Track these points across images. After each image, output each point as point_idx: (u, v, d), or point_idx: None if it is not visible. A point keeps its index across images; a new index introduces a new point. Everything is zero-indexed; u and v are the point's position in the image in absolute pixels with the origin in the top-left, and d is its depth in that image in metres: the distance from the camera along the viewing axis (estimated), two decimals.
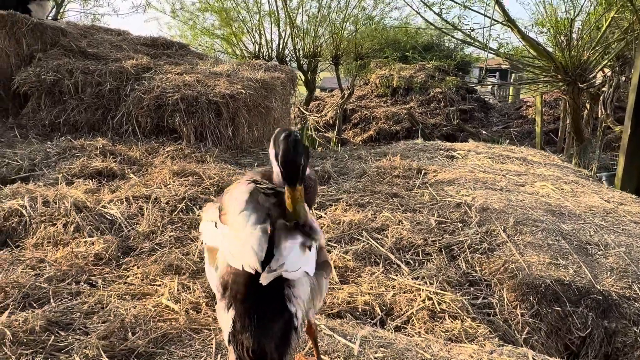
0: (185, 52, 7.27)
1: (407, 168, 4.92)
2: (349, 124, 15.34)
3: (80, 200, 3.22)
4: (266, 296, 1.45)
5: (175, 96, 5.21)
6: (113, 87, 5.60)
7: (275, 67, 7.13)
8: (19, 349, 1.72)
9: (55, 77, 5.59)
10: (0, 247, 2.84)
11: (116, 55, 6.31)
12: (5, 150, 4.44)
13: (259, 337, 1.38)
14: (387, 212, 3.79)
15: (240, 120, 5.49)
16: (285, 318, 1.45)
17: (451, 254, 3.29)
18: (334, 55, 14.10)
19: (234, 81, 5.79)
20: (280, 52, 14.22)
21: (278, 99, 6.23)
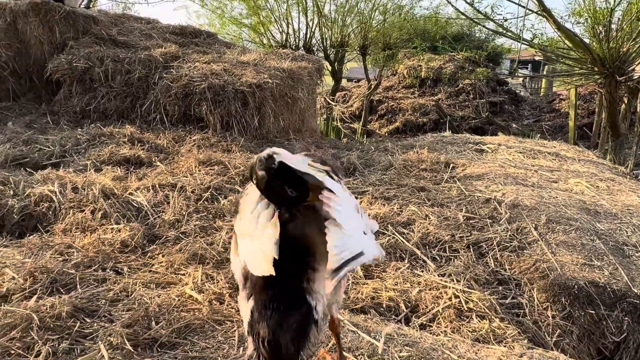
0: (213, 40, 7.27)
1: (435, 161, 4.82)
2: (375, 115, 15.18)
3: (108, 187, 3.25)
4: (285, 288, 1.41)
5: (202, 85, 5.21)
6: (142, 75, 5.65)
7: (302, 56, 7.07)
8: (46, 334, 1.74)
9: (86, 64, 5.67)
10: (31, 231, 2.89)
11: (145, 43, 6.36)
12: (38, 136, 4.53)
13: (274, 328, 1.35)
14: (414, 206, 3.72)
15: (266, 109, 5.47)
16: (303, 311, 1.41)
17: (479, 251, 3.20)
18: (361, 45, 13.92)
19: (261, 70, 5.77)
20: (308, 42, 14.13)
21: (304, 89, 6.17)
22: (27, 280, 2.08)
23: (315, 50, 14.55)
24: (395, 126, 14.52)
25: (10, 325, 1.75)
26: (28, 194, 3.07)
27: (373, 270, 2.85)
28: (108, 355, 1.68)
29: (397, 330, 2.17)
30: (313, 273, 1.45)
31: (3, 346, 1.66)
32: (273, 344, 1.33)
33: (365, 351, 1.89)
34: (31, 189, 3.12)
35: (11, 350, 1.65)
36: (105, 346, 1.72)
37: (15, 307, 1.83)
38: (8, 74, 5.86)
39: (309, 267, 1.44)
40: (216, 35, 7.53)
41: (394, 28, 13.69)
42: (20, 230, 2.91)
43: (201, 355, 1.76)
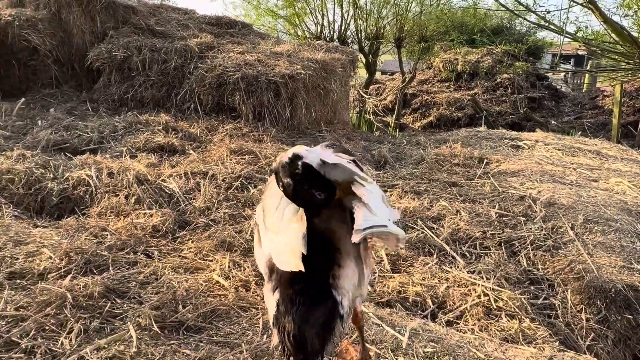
0: (247, 31, 7.32)
1: (468, 156, 4.71)
2: (409, 109, 14.97)
3: (142, 173, 3.33)
4: (311, 282, 1.41)
5: (235, 75, 5.26)
6: (178, 64, 5.75)
7: (336, 48, 7.02)
8: (78, 313, 1.80)
9: (125, 53, 5.81)
10: (69, 213, 3.00)
11: (182, 33, 6.46)
12: (78, 123, 4.68)
13: (300, 323, 1.34)
14: (445, 201, 3.65)
15: (298, 101, 5.47)
16: (329, 305, 1.40)
17: (511, 250, 3.12)
18: (396, 37, 13.73)
19: (294, 61, 5.77)
20: (342, 34, 14.04)
21: (337, 80, 6.14)
22: (63, 260, 2.15)
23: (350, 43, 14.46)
24: (429, 120, 14.28)
25: (45, 303, 1.82)
26: (67, 178, 3.18)
27: (400, 265, 2.82)
28: (136, 336, 1.72)
29: (422, 325, 2.14)
30: (339, 269, 1.43)
31: (38, 322, 1.73)
32: (299, 339, 1.32)
33: (389, 345, 1.87)
34: (70, 172, 3.23)
35: (45, 327, 1.71)
36: (133, 327, 1.77)
37: (50, 286, 1.90)
38: (52, 62, 6.07)
39: (335, 262, 1.43)
40: (251, 26, 7.57)
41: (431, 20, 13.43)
42: (59, 212, 3.02)
43: (225, 340, 1.78)
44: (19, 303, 1.82)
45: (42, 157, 3.41)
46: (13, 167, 3.16)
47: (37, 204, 3.01)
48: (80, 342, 1.67)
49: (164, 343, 1.72)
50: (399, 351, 1.84)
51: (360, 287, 1.57)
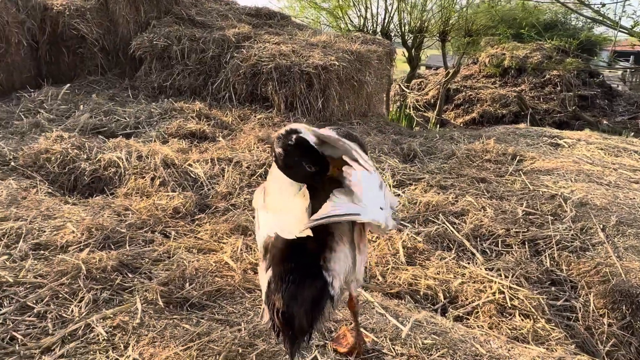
0: (286, 22, 7.37)
1: (502, 153, 4.57)
2: (451, 105, 14.63)
3: (169, 157, 3.44)
4: (302, 262, 1.43)
5: (269, 65, 5.32)
6: (215, 54, 5.87)
7: (374, 40, 6.96)
8: (91, 284, 1.89)
9: (165, 43, 5.99)
10: (99, 193, 3.14)
11: (221, 24, 6.58)
12: (117, 108, 4.88)
13: (289, 300, 1.37)
14: (471, 196, 3.56)
15: (330, 92, 5.47)
16: (319, 285, 1.42)
17: (535, 249, 3.01)
18: (441, 31, 13.43)
19: (329, 52, 5.76)
20: (385, 27, 13.86)
21: (372, 73, 6.09)
22: (84, 234, 2.27)
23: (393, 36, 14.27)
24: (471, 117, 13.92)
25: (62, 272, 1.93)
26: (99, 159, 3.33)
27: (416, 258, 2.79)
28: (142, 309, 1.79)
29: (428, 318, 2.11)
30: (330, 252, 1.45)
31: (53, 290, 1.83)
32: (287, 316, 1.36)
33: (389, 334, 1.86)
34: (102, 154, 3.38)
35: (59, 294, 1.82)
36: (140, 299, 1.84)
37: (68, 257, 2.01)
38: (98, 50, 6.34)
39: (327, 246, 1.45)
40: (290, 18, 7.62)
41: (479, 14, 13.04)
42: (90, 191, 3.17)
43: (226, 318, 1.83)
44: (39, 272, 1.94)
45: (79, 139, 3.59)
46: (51, 147, 3.34)
47: (70, 182, 3.17)
48: (89, 310, 1.76)
49: (167, 317, 1.78)
50: (397, 340, 1.83)
51: (354, 271, 1.57)
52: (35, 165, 3.23)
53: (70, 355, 1.56)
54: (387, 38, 13.94)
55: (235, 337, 1.70)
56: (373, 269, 2.59)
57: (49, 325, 1.67)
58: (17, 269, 1.97)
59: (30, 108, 4.61)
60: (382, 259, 2.71)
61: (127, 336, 1.65)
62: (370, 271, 2.58)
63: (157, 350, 1.59)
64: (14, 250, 2.14)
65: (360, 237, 1.58)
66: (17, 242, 2.21)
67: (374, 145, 4.56)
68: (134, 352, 1.57)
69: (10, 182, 2.95)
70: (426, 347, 1.81)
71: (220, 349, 1.62)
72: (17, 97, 5.03)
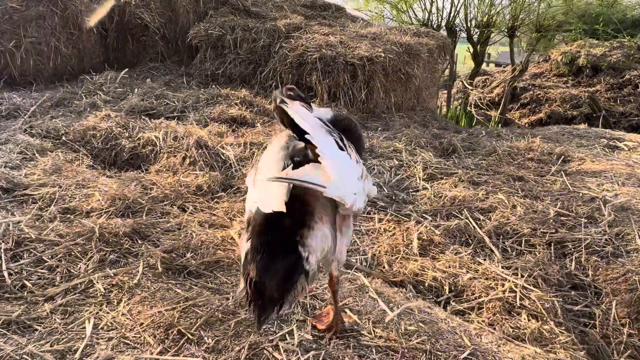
0: (340, 14, 7.39)
1: (547, 152, 4.34)
2: (517, 104, 13.98)
3: (203, 139, 3.60)
4: (279, 235, 1.47)
5: (314, 55, 5.38)
6: (265, 44, 6.03)
7: (428, 32, 6.81)
8: (101, 245, 2.06)
9: (220, 32, 6.23)
10: (135, 169, 3.37)
11: (275, 14, 6.73)
12: (168, 93, 5.16)
13: (261, 271, 1.42)
14: (503, 194, 3.44)
15: (375, 83, 5.44)
16: (292, 259, 1.46)
17: (562, 251, 2.86)
18: (510, 26, 12.84)
19: (377, 44, 5.73)
20: (451, 21, 13.49)
21: (422, 65, 5.98)
22: (107, 202, 2.45)
23: (458, 31, 13.86)
24: (538, 117, 13.22)
25: (78, 234, 2.11)
26: (139, 138, 3.56)
27: (430, 250, 2.75)
28: (142, 272, 1.93)
29: (422, 307, 2.09)
30: (308, 230, 1.49)
31: (67, 248, 2.01)
32: (259, 286, 1.42)
33: (373, 317, 1.87)
34: (142, 133, 3.61)
35: (72, 252, 2.00)
36: (143, 264, 1.98)
37: (87, 221, 2.19)
38: (159, 38, 6.71)
39: (305, 224, 1.49)
40: (345, 10, 7.63)
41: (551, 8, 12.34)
42: (128, 167, 3.40)
43: (218, 288, 1.92)
44: (59, 232, 2.13)
45: (124, 118, 3.85)
46: (98, 124, 3.61)
47: (111, 157, 3.42)
48: (95, 268, 1.91)
49: (163, 281, 1.90)
50: (380, 324, 1.83)
51: (334, 252, 1.60)
52: (83, 140, 3.51)
53: (69, 305, 1.72)
54: (451, 33, 13.56)
55: (221, 305, 1.78)
56: (381, 257, 2.59)
57: (57, 278, 1.85)
58: (43, 228, 2.18)
59: (90, 90, 4.99)
60: (394, 249, 2.70)
61: (122, 294, 1.79)
62: (377, 258, 2.58)
63: (145, 309, 1.70)
64: (45, 212, 2.37)
65: (342, 219, 1.61)
66: (49, 205, 2.44)
67: (411, 138, 4.50)
68: (124, 308, 1.70)
69: (58, 153, 3.23)
70: (408, 333, 1.80)
71: (202, 314, 1.71)
72: (82, 80, 5.45)
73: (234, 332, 1.64)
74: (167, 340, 1.56)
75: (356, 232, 2.86)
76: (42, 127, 3.63)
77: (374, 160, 3.93)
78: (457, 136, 4.94)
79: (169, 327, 1.62)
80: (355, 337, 1.72)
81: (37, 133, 3.54)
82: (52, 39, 6.21)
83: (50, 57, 6.25)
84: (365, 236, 2.84)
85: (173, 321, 1.64)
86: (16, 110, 4.16)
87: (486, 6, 13.04)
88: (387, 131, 4.82)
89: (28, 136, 3.43)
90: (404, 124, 5.06)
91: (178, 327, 1.61)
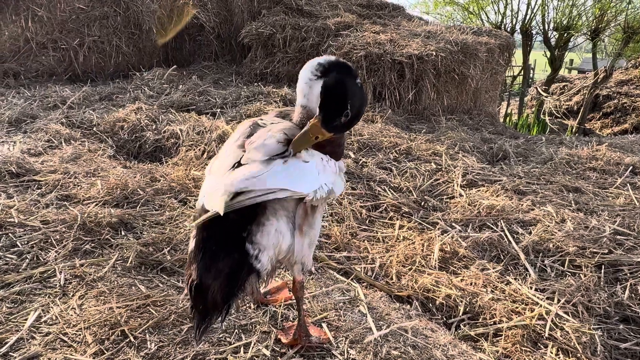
0: (397, 13, 7.09)
1: (614, 162, 3.79)
2: (599, 113, 12.82)
3: (227, 134, 3.49)
4: (222, 232, 1.29)
5: (360, 53, 5.14)
6: (315, 42, 5.88)
7: (490, 31, 6.33)
8: (79, 234, 1.97)
9: (270, 31, 6.17)
10: (157, 161, 3.32)
11: (327, 13, 6.57)
12: (211, 90, 5.15)
13: (201, 271, 1.25)
14: (552, 206, 3.01)
15: (424, 84, 5.10)
16: (237, 258, 1.27)
17: (614, 276, 2.41)
18: (592, 28, 11.80)
19: (430, 42, 5.38)
20: (526, 24, 12.66)
21: (479, 66, 5.54)
22: (104, 192, 2.38)
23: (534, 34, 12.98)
24: (622, 128, 12.04)
25: (62, 221, 2.04)
26: (165, 130, 3.52)
27: (452, 264, 2.41)
28: (113, 265, 1.81)
29: (421, 328, 1.79)
30: (258, 226, 1.30)
31: (46, 234, 1.94)
32: (201, 288, 1.24)
33: (354, 335, 1.61)
34: (168, 126, 3.57)
35: (48, 240, 1.92)
36: (117, 256, 1.86)
37: (73, 208, 2.12)
38: (214, 37, 6.81)
39: (255, 221, 1.30)
40: (402, 9, 7.32)
41: None
42: (150, 158, 3.36)
43: None
44: (46, 218, 2.07)
45: (155, 111, 3.84)
46: (127, 116, 3.62)
47: (136, 149, 3.41)
48: (64, 257, 1.82)
49: (130, 276, 1.77)
50: (358, 344, 1.57)
51: (294, 254, 1.39)
52: (111, 131, 3.53)
53: (22, 294, 1.63)
54: (526, 36, 12.72)
55: (182, 307, 1.61)
56: (391, 267, 2.30)
57: (23, 264, 1.77)
58: (32, 213, 2.13)
59: (138, 85, 5.10)
60: (409, 259, 2.40)
61: (81, 286, 1.67)
62: (386, 269, 2.29)
63: (97, 304, 1.57)
64: (44, 198, 2.34)
65: (303, 218, 1.39)
66: (50, 192, 2.41)
67: (456, 141, 4.12)
68: (76, 302, 1.58)
69: (84, 142, 3.26)
70: (389, 358, 1.52)
71: (156, 315, 1.55)
72: (132, 76, 5.60)
73: (182, 339, 1.46)
74: (107, 341, 1.41)
75: (370, 238, 2.59)
76: (76, 118, 3.71)
77: (409, 163, 3.62)
78: (511, 142, 4.48)
79: (114, 326, 1.47)
80: (323, 358, 1.47)
81: (71, 123, 3.62)
82: (114, 37, 6.48)
83: (112, 55, 6.52)
84: (380, 243, 2.56)
85: (120, 320, 1.48)
86: (62, 102, 4.32)
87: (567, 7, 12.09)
88: (431, 133, 4.46)
89: (61, 125, 3.50)
90: (451, 126, 4.67)
91: (123, 328, 1.46)
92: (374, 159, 3.60)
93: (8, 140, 3.18)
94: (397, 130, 4.37)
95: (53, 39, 6.17)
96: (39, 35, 6.11)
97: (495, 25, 13.06)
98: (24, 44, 6.06)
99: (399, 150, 3.80)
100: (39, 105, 4.21)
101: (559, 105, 13.09)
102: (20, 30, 6.03)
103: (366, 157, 3.64)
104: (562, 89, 14.00)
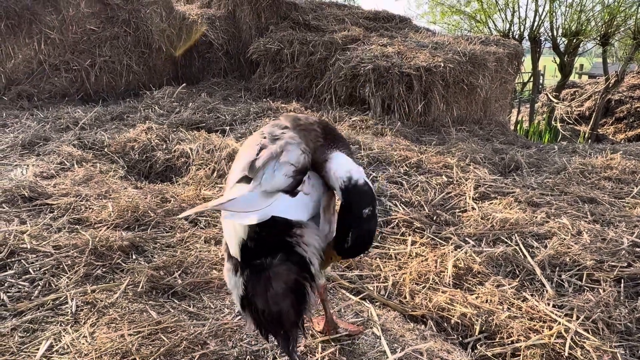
0: (404, 25, 7.11)
1: (630, 171, 3.72)
2: (611, 118, 12.67)
3: (236, 151, 3.50)
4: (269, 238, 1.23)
5: (368, 66, 5.14)
6: (322, 56, 5.90)
7: (498, 40, 6.31)
8: (91, 259, 1.97)
9: (278, 47, 6.21)
10: (167, 181, 3.33)
11: (334, 27, 6.61)
12: (220, 107, 5.18)
13: (264, 296, 1.19)
14: (567, 218, 2.95)
15: (433, 95, 5.08)
16: (294, 267, 1.22)
17: (634, 290, 2.35)
18: (602, 33, 11.70)
19: (437, 54, 5.37)
20: (534, 31, 12.61)
21: (487, 76, 5.51)
22: (116, 214, 2.39)
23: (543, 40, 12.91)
24: (635, 133, 11.89)
25: (73, 245, 2.04)
26: (175, 150, 3.54)
27: (466, 280, 2.37)
28: (123, 290, 1.80)
29: (437, 350, 1.75)
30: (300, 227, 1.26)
31: (58, 260, 1.95)
32: (275, 314, 1.19)
33: (367, 358, 1.58)
34: (178, 145, 3.59)
35: (60, 265, 1.92)
36: (128, 281, 1.85)
37: (83, 232, 2.12)
38: (222, 54, 6.87)
39: None
40: (409, 20, 7.34)
41: None
42: (161, 178, 3.38)
43: (198, 312, 1.74)
44: (58, 243, 2.08)
45: (165, 130, 3.86)
46: (138, 136, 3.65)
47: (146, 169, 3.42)
48: (76, 283, 1.82)
49: (142, 301, 1.76)
50: None
51: None
52: (122, 151, 3.56)
53: (35, 322, 1.62)
54: (535, 43, 12.66)
55: (193, 333, 1.60)
56: (404, 286, 2.27)
57: (35, 291, 1.77)
58: (45, 238, 2.14)
59: (148, 104, 5.15)
60: (422, 277, 2.36)
61: (92, 313, 1.67)
62: (399, 287, 2.26)
63: (109, 331, 1.56)
64: (57, 221, 2.35)
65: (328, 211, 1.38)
66: (63, 215, 2.43)
67: (467, 153, 4.08)
68: (88, 329, 1.57)
69: (96, 164, 3.29)
70: None
71: (167, 342, 1.53)
72: (143, 95, 5.66)
73: None
74: None
75: (382, 256, 2.56)
76: (88, 139, 3.74)
77: (420, 177, 3.59)
78: (522, 151, 4.43)
79: (125, 354, 1.45)
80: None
81: (82, 145, 3.65)
82: (125, 57, 6.58)
83: (122, 75, 6.61)
84: (392, 260, 2.53)
85: (132, 348, 1.47)
86: (75, 123, 4.37)
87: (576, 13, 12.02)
88: (441, 145, 4.43)
89: (73, 147, 3.54)
90: (461, 137, 4.64)
91: (134, 357, 1.44)
92: (385, 174, 3.58)
93: (21, 164, 3.21)
94: (407, 143, 4.35)
95: (65, 61, 6.27)
96: (51, 57, 6.22)
97: (503, 33, 13.03)
98: (37, 66, 6.17)
99: (409, 163, 3.77)
100: (52, 127, 4.27)
101: (571, 111, 12.97)
102: (34, 53, 6.14)
103: (376, 171, 3.62)
104: (573, 94, 13.88)
